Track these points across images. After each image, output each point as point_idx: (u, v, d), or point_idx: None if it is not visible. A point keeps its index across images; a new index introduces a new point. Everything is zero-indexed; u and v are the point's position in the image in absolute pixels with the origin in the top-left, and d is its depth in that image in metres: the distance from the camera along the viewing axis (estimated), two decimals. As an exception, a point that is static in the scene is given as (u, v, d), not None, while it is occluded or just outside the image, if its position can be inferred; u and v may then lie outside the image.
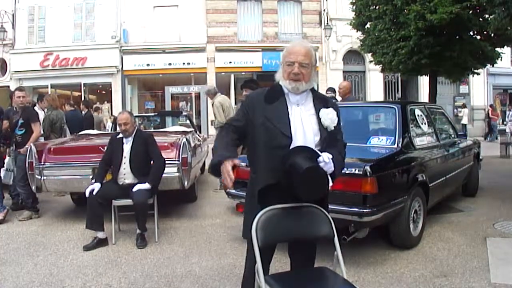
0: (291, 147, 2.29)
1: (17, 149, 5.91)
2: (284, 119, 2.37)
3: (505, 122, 17.29)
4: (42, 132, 7.48)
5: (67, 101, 12.37)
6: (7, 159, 6.13)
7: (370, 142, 4.62)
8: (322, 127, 2.37)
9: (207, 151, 8.91)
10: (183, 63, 19.18)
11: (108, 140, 5.05)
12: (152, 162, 4.83)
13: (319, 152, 2.26)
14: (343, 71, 20.06)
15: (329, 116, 2.37)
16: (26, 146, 5.61)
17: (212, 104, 7.84)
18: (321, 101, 2.46)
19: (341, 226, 3.30)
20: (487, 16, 8.66)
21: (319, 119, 2.38)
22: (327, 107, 2.41)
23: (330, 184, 2.27)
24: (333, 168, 2.26)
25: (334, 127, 2.38)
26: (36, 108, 7.27)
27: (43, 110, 7.69)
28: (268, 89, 2.51)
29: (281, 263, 3.52)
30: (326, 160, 2.22)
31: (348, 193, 3.78)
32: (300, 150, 2.26)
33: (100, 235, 4.57)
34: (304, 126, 2.37)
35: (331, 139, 2.38)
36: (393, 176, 4.10)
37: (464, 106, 20.28)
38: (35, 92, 16.87)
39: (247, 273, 2.60)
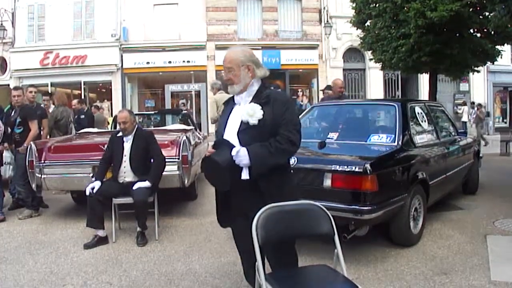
0: None
1: (16, 147, 5.90)
2: (224, 118, 2.71)
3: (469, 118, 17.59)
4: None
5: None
6: (5, 153, 6.12)
7: (370, 140, 4.62)
8: (242, 122, 2.54)
9: (207, 149, 8.90)
10: (183, 61, 19.16)
11: (108, 139, 5.05)
12: (152, 160, 4.83)
13: (234, 145, 2.48)
14: (343, 69, 20.03)
15: (246, 111, 2.52)
16: (25, 144, 5.62)
17: None
18: (258, 99, 2.59)
19: (341, 224, 3.31)
20: (487, 13, 8.66)
21: None
22: (260, 103, 2.53)
23: (244, 176, 2.49)
24: (246, 161, 2.43)
25: (259, 120, 2.48)
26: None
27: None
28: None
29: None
30: (233, 153, 2.44)
31: (348, 190, 3.78)
32: (220, 143, 2.57)
33: (101, 233, 4.57)
34: (234, 123, 2.60)
35: (259, 133, 2.49)
36: (393, 174, 4.10)
37: (464, 103, 20.26)
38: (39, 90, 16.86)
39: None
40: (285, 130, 2.50)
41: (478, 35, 9.72)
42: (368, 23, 11.20)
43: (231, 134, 2.58)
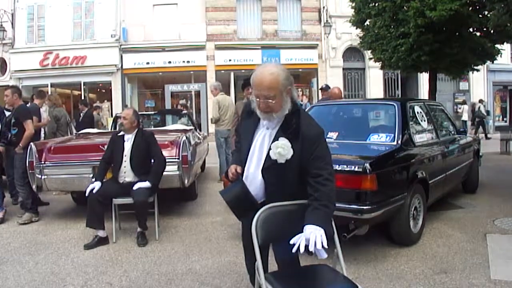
0: (246, 165, 2.43)
1: (13, 148, 5.73)
2: (248, 138, 2.45)
3: None
4: (45, 130, 7.53)
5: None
6: None
7: (370, 139, 4.62)
8: (269, 157, 2.30)
9: (207, 149, 8.92)
10: (183, 61, 19.18)
11: (109, 139, 5.06)
12: (152, 160, 4.84)
13: (247, 188, 2.38)
14: (343, 68, 20.06)
15: (278, 150, 2.25)
16: (20, 145, 5.53)
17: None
18: (287, 130, 2.30)
19: (341, 223, 3.31)
20: (486, 12, 8.67)
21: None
22: (288, 138, 2.27)
23: (260, 199, 2.38)
24: (322, 233, 2.07)
25: (287, 160, 2.25)
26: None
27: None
28: (247, 103, 2.55)
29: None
30: (312, 245, 2.03)
31: (348, 190, 3.78)
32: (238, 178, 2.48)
33: (101, 233, 4.58)
34: (263, 151, 2.36)
35: (283, 171, 2.28)
36: (393, 173, 4.10)
37: (464, 102, 20.28)
38: (35, 91, 16.88)
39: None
40: (317, 168, 2.23)
41: (478, 34, 9.73)
42: (367, 22, 11.21)
43: (254, 166, 2.39)
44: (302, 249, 2.04)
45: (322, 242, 2.04)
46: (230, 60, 19.26)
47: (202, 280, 3.59)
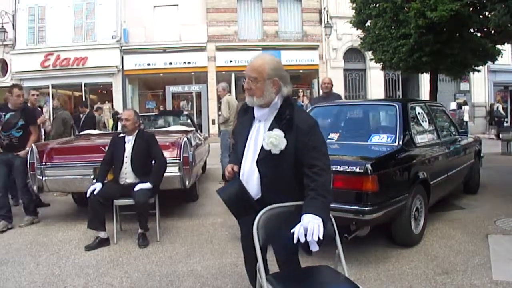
0: (242, 162, 2.45)
1: (12, 151, 5.46)
2: (244, 134, 2.48)
3: None
4: (52, 132, 7.54)
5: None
6: None
7: (371, 140, 4.62)
8: (263, 148, 2.32)
9: (208, 150, 8.92)
10: (184, 63, 19.21)
11: (109, 140, 5.06)
12: (153, 161, 4.83)
13: (244, 187, 2.39)
14: (344, 69, 20.07)
15: (270, 140, 2.27)
16: (27, 148, 5.45)
17: (220, 100, 8.41)
18: (280, 121, 2.33)
19: (342, 224, 3.30)
20: (487, 13, 8.65)
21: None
22: (282, 129, 2.29)
23: (256, 195, 2.39)
24: (320, 223, 2.09)
25: (282, 151, 2.27)
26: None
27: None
28: (244, 102, 2.58)
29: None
30: (309, 237, 2.05)
31: (349, 191, 3.78)
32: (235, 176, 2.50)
33: (102, 235, 4.57)
34: (257, 144, 2.39)
35: (278, 162, 2.29)
36: (394, 174, 4.10)
37: (464, 103, 20.26)
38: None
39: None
40: (312, 158, 2.25)
41: (478, 34, 9.70)
42: (368, 23, 11.20)
43: (250, 160, 2.41)
44: (302, 238, 2.05)
45: (319, 232, 2.06)
46: (230, 61, 19.29)
47: (204, 281, 3.59)
